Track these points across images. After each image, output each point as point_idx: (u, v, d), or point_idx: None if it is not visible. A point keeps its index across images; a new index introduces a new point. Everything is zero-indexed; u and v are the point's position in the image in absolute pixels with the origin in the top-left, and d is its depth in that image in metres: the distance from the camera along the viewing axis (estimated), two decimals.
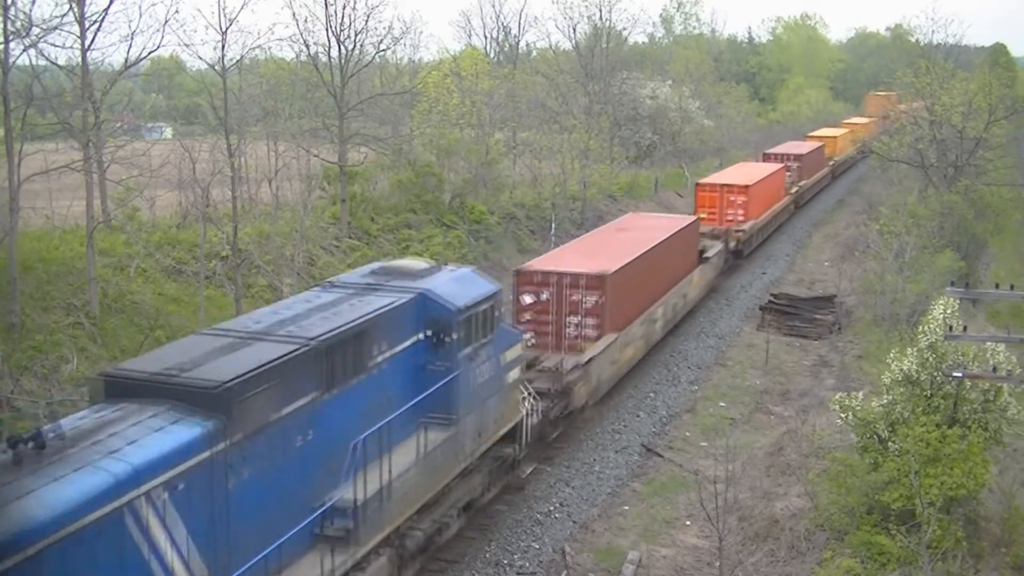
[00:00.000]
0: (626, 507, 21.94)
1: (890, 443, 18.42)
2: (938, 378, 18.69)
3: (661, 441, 25.85)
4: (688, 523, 21.24)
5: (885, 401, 19.14)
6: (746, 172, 49.01)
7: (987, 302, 33.78)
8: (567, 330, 25.35)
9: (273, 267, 31.85)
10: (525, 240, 45.22)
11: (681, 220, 36.29)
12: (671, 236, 32.19)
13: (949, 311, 18.93)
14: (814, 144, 68.48)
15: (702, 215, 41.99)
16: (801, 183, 58.85)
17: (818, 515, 19.30)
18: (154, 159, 30.26)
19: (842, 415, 19.87)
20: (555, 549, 19.78)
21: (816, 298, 38.77)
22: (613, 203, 55.19)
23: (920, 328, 19.52)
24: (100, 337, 25.00)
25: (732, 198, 43.83)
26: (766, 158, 60.18)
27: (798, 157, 59.61)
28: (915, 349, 19.02)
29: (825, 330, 35.70)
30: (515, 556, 19.37)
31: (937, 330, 18.53)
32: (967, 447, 17.47)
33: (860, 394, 20.30)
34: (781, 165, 55.09)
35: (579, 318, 25.27)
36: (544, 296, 25.36)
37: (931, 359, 18.71)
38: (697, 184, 45.91)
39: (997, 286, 15.01)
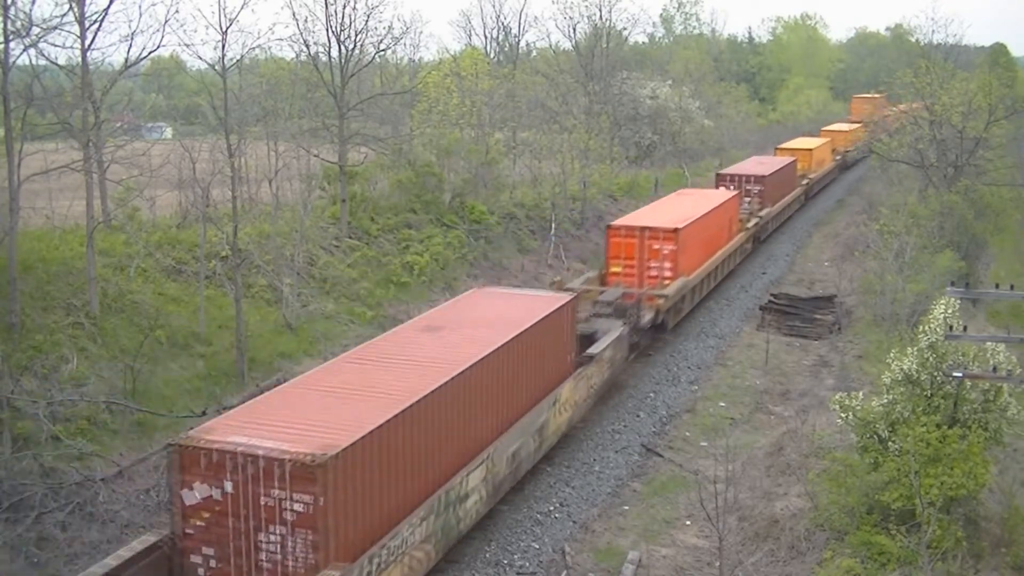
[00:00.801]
0: (626, 507, 21.95)
1: (890, 443, 18.43)
2: (938, 378, 18.69)
3: (661, 441, 25.86)
4: (688, 523, 21.25)
5: (885, 401, 19.14)
6: (683, 207, 37.99)
7: (987, 302, 33.77)
8: None
9: (273, 267, 31.86)
10: (525, 240, 45.22)
11: (535, 307, 22.90)
12: (498, 350, 19.57)
13: (949, 311, 18.93)
14: (783, 160, 56.89)
15: (615, 269, 33.07)
16: (763, 212, 48.61)
17: (818, 515, 19.30)
18: (154, 159, 30.26)
19: (842, 415, 19.87)
20: (555, 549, 19.79)
21: (816, 298, 38.76)
22: (613, 203, 55.19)
23: (920, 328, 19.52)
24: (100, 337, 25.00)
25: (656, 246, 32.91)
26: (719, 181, 50.18)
27: (759, 179, 48.84)
28: (915, 349, 19.03)
29: (825, 330, 35.69)
30: (515, 556, 19.38)
31: (937, 330, 18.53)
32: (967, 447, 17.48)
33: (860, 394, 20.30)
34: (734, 192, 45.40)
35: None
36: None
37: (931, 359, 18.72)
38: (609, 227, 34.33)
39: (997, 286, 15.01)
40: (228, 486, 14.38)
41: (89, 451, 20.76)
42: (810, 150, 64.95)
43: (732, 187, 48.05)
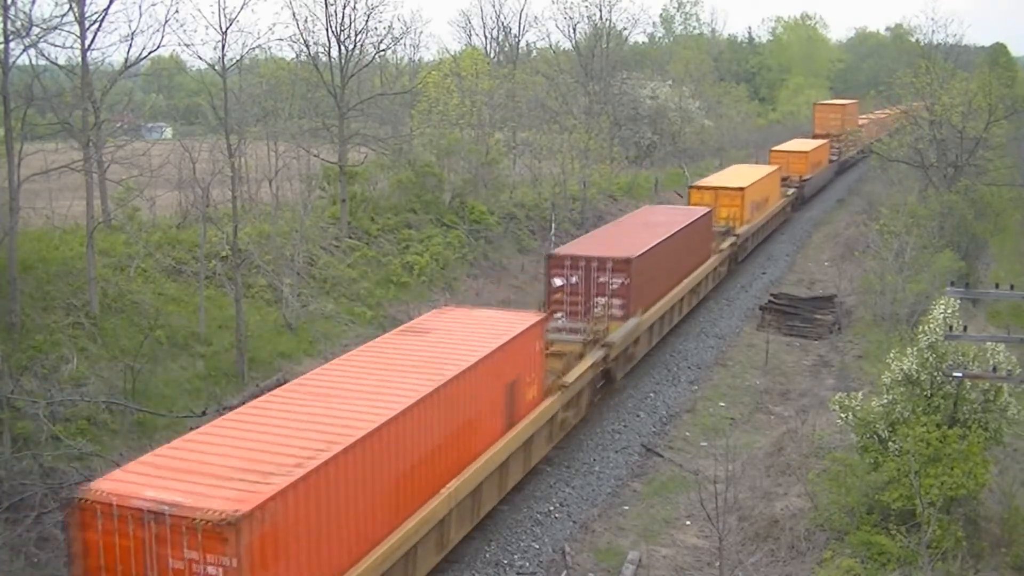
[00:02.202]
0: (626, 507, 21.95)
1: (890, 443, 18.43)
2: (938, 378, 18.69)
3: (661, 441, 25.86)
4: (688, 523, 21.25)
5: (885, 401, 19.14)
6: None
7: (987, 302, 33.77)
8: None
9: (273, 267, 31.86)
10: (525, 240, 45.23)
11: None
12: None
13: (949, 311, 18.93)
14: (690, 215, 36.40)
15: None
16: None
17: (818, 515, 19.30)
18: (154, 159, 30.26)
19: (842, 415, 19.87)
20: (555, 549, 19.79)
21: (816, 298, 38.76)
22: (613, 203, 55.20)
23: (920, 328, 19.51)
24: (100, 337, 25.00)
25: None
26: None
27: (620, 265, 27.86)
28: (915, 349, 19.02)
29: (825, 330, 35.70)
30: (515, 556, 19.38)
31: (937, 330, 18.53)
32: (967, 447, 17.48)
33: (860, 394, 20.31)
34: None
35: None
36: None
37: (931, 359, 18.71)
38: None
39: (997, 286, 15.01)
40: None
41: (89, 451, 20.75)
42: (740, 190, 43.95)
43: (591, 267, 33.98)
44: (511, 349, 19.70)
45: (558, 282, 27.92)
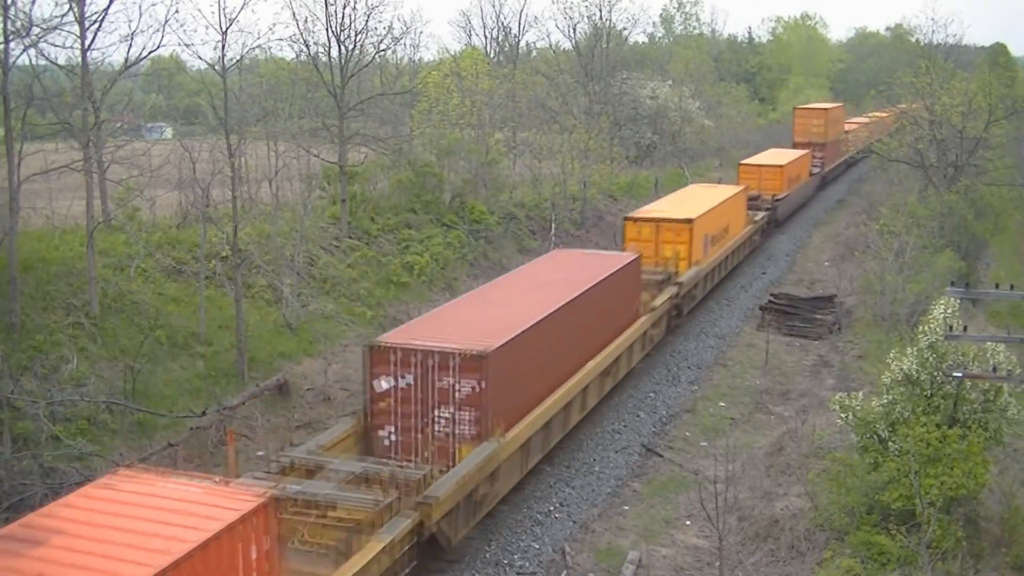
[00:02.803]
0: (626, 507, 21.95)
1: (890, 443, 18.43)
2: (938, 378, 18.68)
3: (661, 441, 25.86)
4: (688, 523, 21.25)
5: (885, 401, 19.14)
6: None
7: (987, 302, 33.76)
8: None
9: (273, 267, 31.86)
10: (525, 240, 45.24)
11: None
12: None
13: (949, 311, 18.93)
14: (608, 265, 27.74)
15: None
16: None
17: (818, 515, 19.30)
18: (154, 159, 30.27)
19: (842, 415, 19.87)
20: (555, 549, 19.79)
21: (816, 298, 38.76)
22: (613, 203, 55.20)
23: (920, 328, 19.51)
24: (100, 337, 25.00)
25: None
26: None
27: (470, 362, 19.32)
28: (915, 349, 19.02)
29: (825, 330, 35.69)
30: (515, 556, 19.38)
31: (937, 330, 18.53)
32: (967, 447, 17.48)
33: (860, 394, 20.30)
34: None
35: None
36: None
37: (931, 359, 18.71)
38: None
39: (997, 286, 15.01)
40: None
41: (89, 451, 20.76)
42: (688, 222, 34.92)
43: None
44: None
45: (384, 385, 19.74)
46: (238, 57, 34.23)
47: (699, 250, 35.70)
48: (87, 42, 28.20)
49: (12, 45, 25.02)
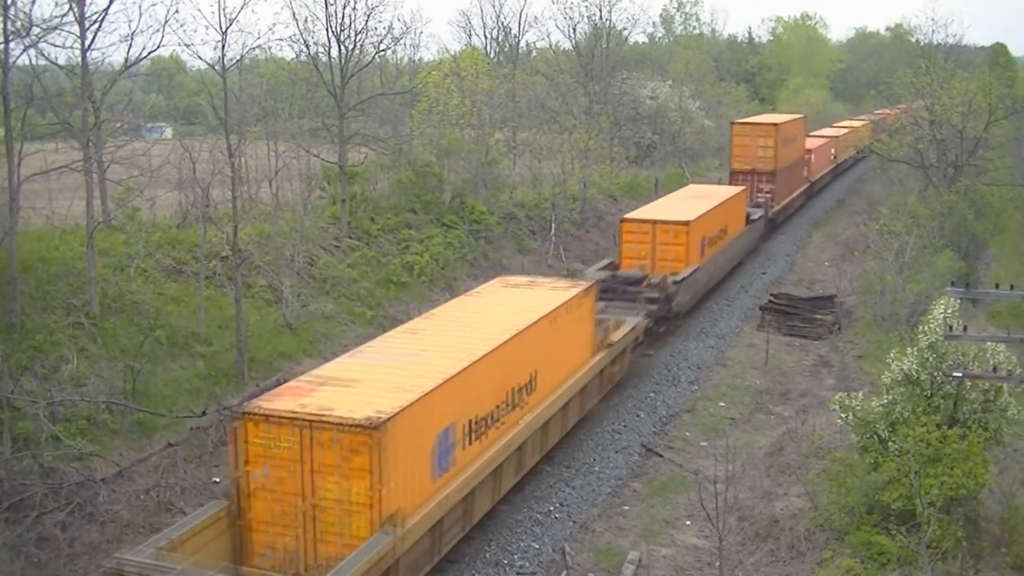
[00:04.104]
0: (626, 507, 21.95)
1: (890, 443, 18.43)
2: (938, 378, 18.69)
3: (661, 441, 25.86)
4: (688, 523, 21.25)
5: (885, 401, 19.14)
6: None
7: (987, 302, 33.77)
8: None
9: (273, 267, 31.85)
10: (525, 240, 45.23)
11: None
12: None
13: (949, 311, 18.93)
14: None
15: None
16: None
17: (818, 515, 19.30)
18: (154, 159, 30.24)
19: (842, 415, 19.87)
20: (555, 549, 19.80)
21: (816, 298, 38.75)
22: (613, 203, 55.20)
23: (920, 328, 19.52)
24: (100, 337, 25.00)
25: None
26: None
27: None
28: (915, 349, 19.03)
29: (825, 330, 35.69)
30: (515, 556, 19.38)
31: (937, 330, 18.53)
32: (967, 447, 17.48)
33: (860, 394, 20.31)
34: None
35: None
36: None
37: (931, 359, 18.72)
38: None
39: (997, 286, 15.01)
40: None
41: (89, 451, 20.76)
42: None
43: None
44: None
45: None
46: (238, 57, 34.24)
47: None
48: (87, 42, 28.19)
49: (12, 45, 25.02)
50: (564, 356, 23.28)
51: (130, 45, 29.86)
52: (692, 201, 39.63)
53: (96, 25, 28.36)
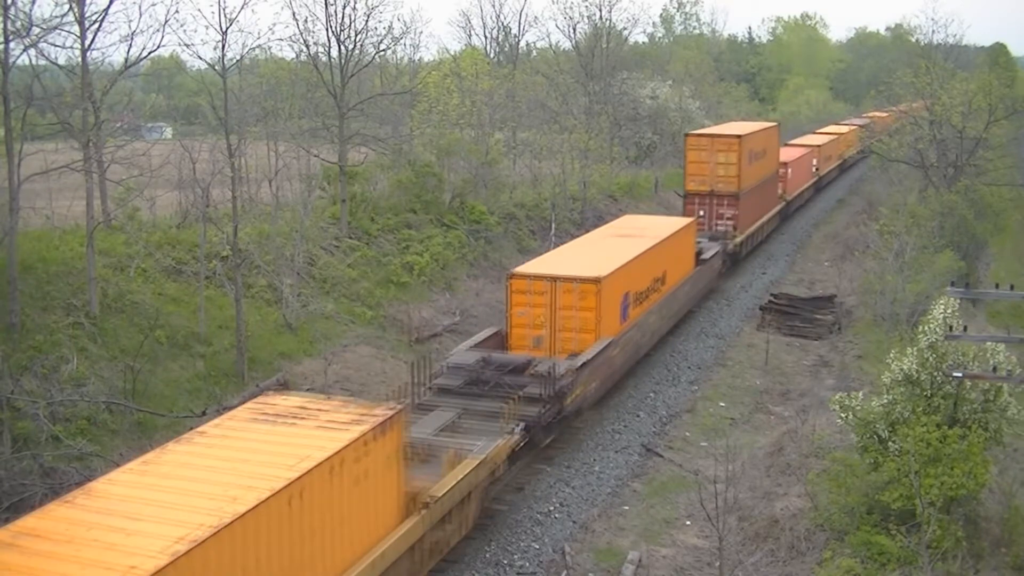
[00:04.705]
0: (626, 507, 21.95)
1: (890, 443, 18.43)
2: (938, 378, 18.69)
3: (661, 441, 25.86)
4: (688, 523, 21.24)
5: (885, 401, 19.14)
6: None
7: (987, 302, 33.78)
8: None
9: (273, 267, 31.85)
10: (525, 240, 45.22)
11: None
12: None
13: (949, 311, 18.93)
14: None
15: None
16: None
17: (818, 515, 19.30)
18: (154, 159, 30.25)
19: (842, 415, 19.87)
20: (555, 549, 19.79)
21: (816, 298, 38.75)
22: (613, 203, 55.20)
23: (920, 328, 19.52)
24: (100, 337, 25.00)
25: None
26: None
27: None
28: (915, 349, 19.03)
29: (825, 330, 35.69)
30: (515, 556, 19.38)
31: (937, 330, 18.53)
32: (967, 447, 17.48)
33: (860, 394, 20.29)
34: None
35: None
36: None
37: (931, 359, 18.72)
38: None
39: (997, 286, 15.00)
40: None
41: (89, 451, 20.76)
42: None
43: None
44: None
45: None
46: (238, 57, 34.26)
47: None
48: (87, 42, 28.19)
49: (12, 45, 25.03)
50: (332, 542, 14.50)
51: (130, 45, 29.92)
52: (616, 243, 30.66)
53: (96, 25, 28.41)
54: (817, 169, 63.26)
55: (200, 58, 50.24)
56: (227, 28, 28.82)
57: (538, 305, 25.72)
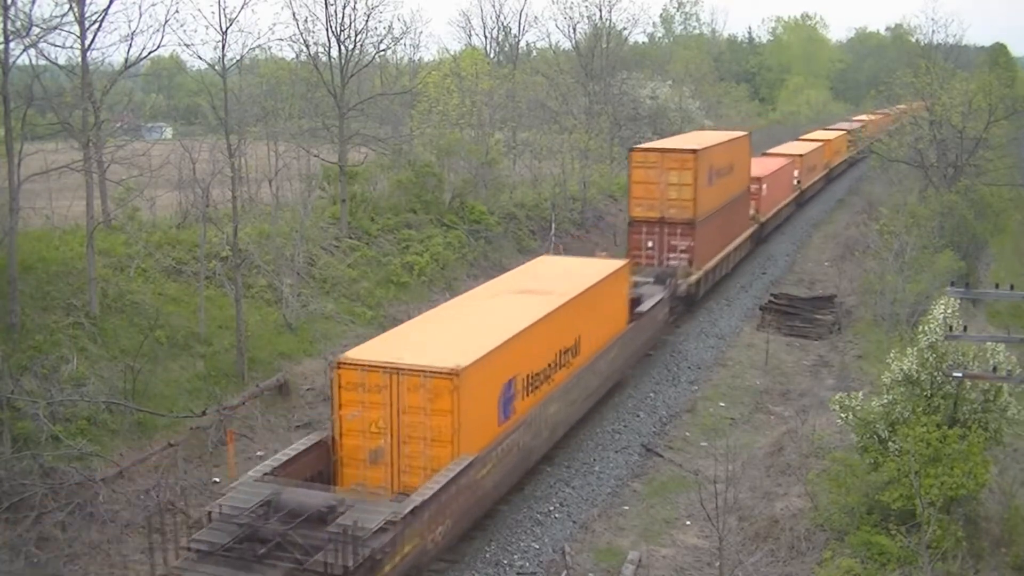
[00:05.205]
0: (626, 507, 21.95)
1: (890, 443, 18.44)
2: (938, 378, 18.69)
3: (661, 441, 25.86)
4: (688, 523, 21.25)
5: (885, 401, 19.15)
6: None
7: (987, 302, 33.78)
8: None
9: (273, 267, 31.86)
10: (525, 240, 45.23)
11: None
12: None
13: (949, 311, 18.94)
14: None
15: None
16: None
17: (818, 515, 19.31)
18: (154, 159, 30.24)
19: (842, 415, 19.87)
20: (555, 549, 19.79)
21: (816, 298, 38.74)
22: (613, 203, 55.21)
23: (920, 328, 19.53)
24: (100, 337, 25.00)
25: None
26: None
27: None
28: (915, 349, 19.03)
29: (825, 330, 35.68)
30: (515, 556, 19.38)
31: (937, 330, 18.54)
32: (967, 447, 17.48)
33: (860, 394, 20.30)
34: None
35: None
36: None
37: (931, 359, 18.72)
38: None
39: (997, 286, 15.01)
40: None
41: (89, 451, 20.77)
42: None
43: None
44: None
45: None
46: (238, 57, 34.29)
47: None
48: (87, 42, 28.19)
49: (12, 45, 25.02)
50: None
51: (130, 45, 29.95)
52: (509, 304, 22.89)
53: (96, 25, 28.41)
54: (799, 182, 56.45)
55: (200, 58, 50.55)
56: (227, 28, 28.82)
57: (375, 405, 18.14)
